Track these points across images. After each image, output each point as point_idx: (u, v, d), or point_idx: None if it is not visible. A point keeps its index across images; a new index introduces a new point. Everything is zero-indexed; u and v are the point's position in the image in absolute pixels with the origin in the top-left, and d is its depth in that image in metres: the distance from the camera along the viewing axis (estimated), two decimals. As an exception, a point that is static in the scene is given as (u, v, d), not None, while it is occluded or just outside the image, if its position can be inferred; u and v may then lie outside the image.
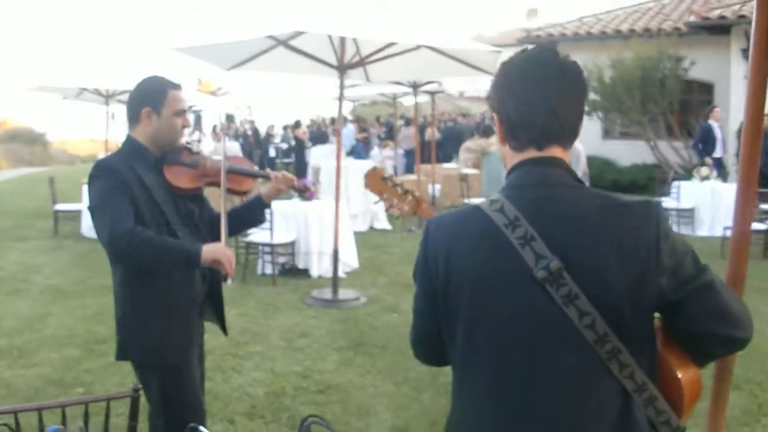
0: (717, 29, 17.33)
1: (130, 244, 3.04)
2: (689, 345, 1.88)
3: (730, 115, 17.12)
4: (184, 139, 3.54)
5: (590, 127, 18.47)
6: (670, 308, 1.82)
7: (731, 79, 17.60)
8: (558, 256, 1.73)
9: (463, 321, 1.82)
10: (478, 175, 15.16)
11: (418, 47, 8.17)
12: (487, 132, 12.89)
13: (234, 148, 20.13)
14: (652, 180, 18.92)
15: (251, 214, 3.76)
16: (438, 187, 16.39)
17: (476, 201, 12.67)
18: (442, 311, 1.87)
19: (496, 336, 1.79)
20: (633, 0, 22.23)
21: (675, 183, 13.80)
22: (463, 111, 33.35)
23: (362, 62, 8.25)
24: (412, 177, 16.30)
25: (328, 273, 9.51)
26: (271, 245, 9.20)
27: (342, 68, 8.07)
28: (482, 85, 19.02)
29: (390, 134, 22.22)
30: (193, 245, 3.17)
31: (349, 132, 22.56)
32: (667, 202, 13.55)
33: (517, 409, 1.78)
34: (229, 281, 3.30)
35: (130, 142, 3.36)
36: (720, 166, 15.02)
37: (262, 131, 26.44)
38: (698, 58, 18.02)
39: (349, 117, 26.98)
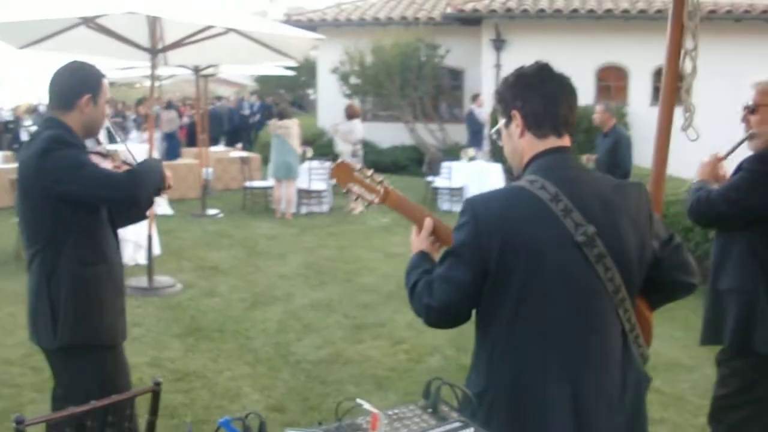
0: (469, 20, 18.59)
1: (137, 184, 3.23)
2: (656, 292, 2.42)
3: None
4: None
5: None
6: (653, 263, 2.32)
7: (481, 67, 18.95)
8: (592, 225, 2.15)
9: (517, 279, 2.16)
10: (257, 158, 15.23)
11: (227, 31, 8.13)
12: (281, 115, 13.00)
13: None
14: (412, 161, 19.96)
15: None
16: (210, 170, 16.23)
17: (258, 183, 12.51)
18: (492, 276, 2.16)
19: (547, 288, 2.16)
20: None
21: (445, 164, 14.68)
22: (211, 94, 32.85)
23: (178, 45, 8.07)
24: (188, 161, 16.02)
25: (132, 260, 9.25)
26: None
27: (154, 51, 7.86)
28: (232, 69, 19.00)
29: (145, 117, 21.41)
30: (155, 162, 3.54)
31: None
32: (440, 182, 14.41)
33: (563, 343, 2.17)
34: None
35: (64, 127, 3.23)
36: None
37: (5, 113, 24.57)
38: (451, 47, 19.21)
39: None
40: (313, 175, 13.45)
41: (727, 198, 3.44)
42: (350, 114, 13.63)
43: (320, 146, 19.03)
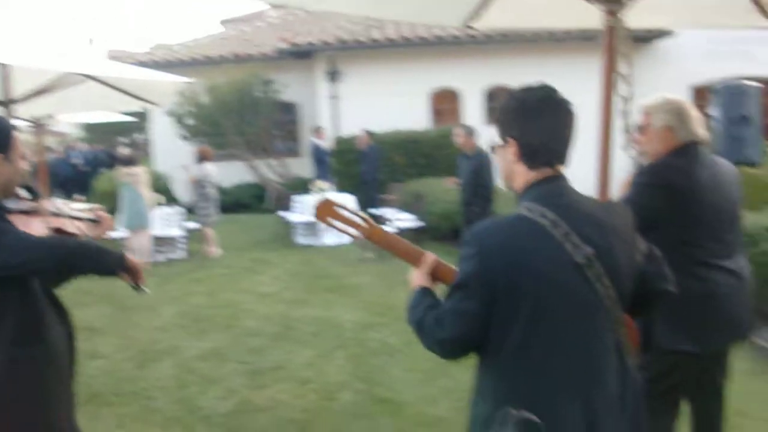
0: (303, 54, 18.71)
1: (73, 248, 2.98)
2: (639, 302, 2.53)
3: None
4: None
5: (188, 151, 18.71)
6: (639, 276, 2.48)
7: (316, 99, 19.12)
8: (589, 246, 2.28)
9: (525, 305, 2.23)
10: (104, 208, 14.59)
11: (85, 78, 7.76)
12: (128, 162, 12.53)
13: None
14: (255, 198, 19.80)
15: None
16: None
17: (111, 234, 11.96)
18: (500, 304, 2.25)
19: (554, 310, 2.26)
20: (208, 30, 23.00)
21: (297, 198, 14.65)
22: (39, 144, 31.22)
23: (38, 94, 7.58)
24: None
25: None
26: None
27: (7, 104, 7.38)
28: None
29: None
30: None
31: None
32: (294, 216, 14.35)
33: (572, 362, 2.28)
34: (146, 290, 3.27)
35: None
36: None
37: None
38: (286, 81, 19.25)
39: None
40: (168, 222, 13.07)
41: None
42: (202, 157, 13.35)
43: (159, 191, 18.51)
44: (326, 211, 2.73)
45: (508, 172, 2.50)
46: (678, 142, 3.58)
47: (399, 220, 13.40)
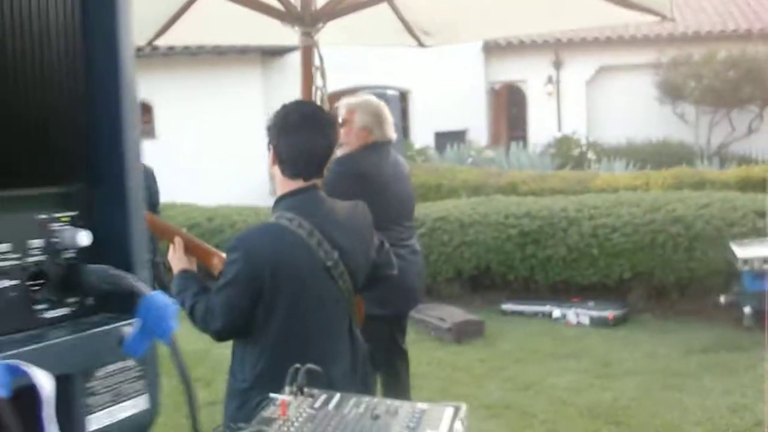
0: None
1: None
2: (368, 283, 3.03)
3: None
4: None
5: None
6: (372, 265, 3.02)
7: None
8: (336, 250, 2.72)
9: (284, 299, 2.66)
10: None
11: None
12: None
13: None
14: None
15: None
16: None
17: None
18: (264, 299, 2.64)
19: (306, 304, 2.72)
20: None
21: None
22: None
23: None
24: None
25: None
26: None
27: None
28: None
29: None
30: None
31: None
32: None
33: (317, 343, 2.74)
34: None
35: None
36: None
37: None
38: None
39: None
40: None
41: None
42: None
43: None
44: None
45: (271, 173, 2.87)
46: (372, 140, 4.17)
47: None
